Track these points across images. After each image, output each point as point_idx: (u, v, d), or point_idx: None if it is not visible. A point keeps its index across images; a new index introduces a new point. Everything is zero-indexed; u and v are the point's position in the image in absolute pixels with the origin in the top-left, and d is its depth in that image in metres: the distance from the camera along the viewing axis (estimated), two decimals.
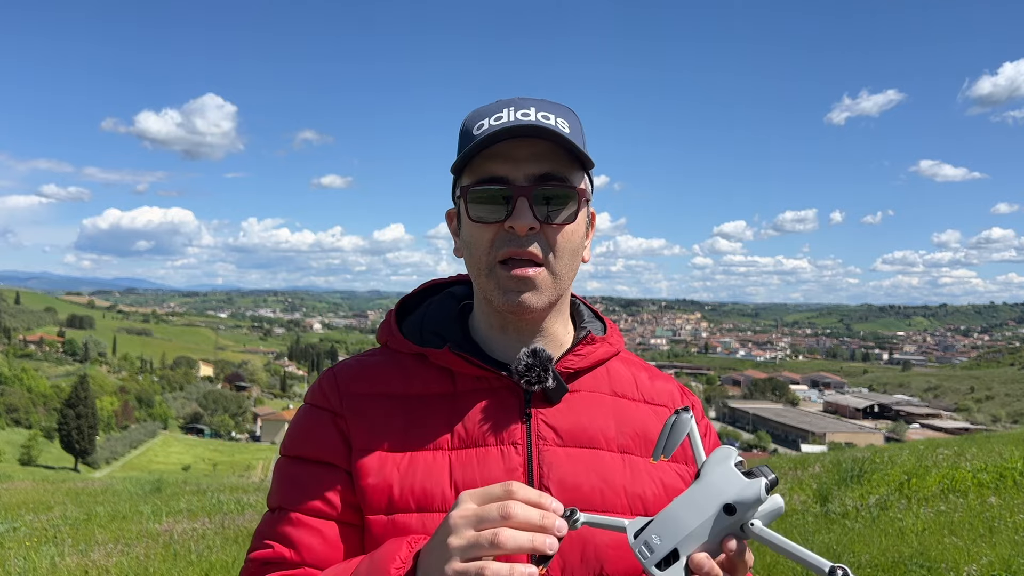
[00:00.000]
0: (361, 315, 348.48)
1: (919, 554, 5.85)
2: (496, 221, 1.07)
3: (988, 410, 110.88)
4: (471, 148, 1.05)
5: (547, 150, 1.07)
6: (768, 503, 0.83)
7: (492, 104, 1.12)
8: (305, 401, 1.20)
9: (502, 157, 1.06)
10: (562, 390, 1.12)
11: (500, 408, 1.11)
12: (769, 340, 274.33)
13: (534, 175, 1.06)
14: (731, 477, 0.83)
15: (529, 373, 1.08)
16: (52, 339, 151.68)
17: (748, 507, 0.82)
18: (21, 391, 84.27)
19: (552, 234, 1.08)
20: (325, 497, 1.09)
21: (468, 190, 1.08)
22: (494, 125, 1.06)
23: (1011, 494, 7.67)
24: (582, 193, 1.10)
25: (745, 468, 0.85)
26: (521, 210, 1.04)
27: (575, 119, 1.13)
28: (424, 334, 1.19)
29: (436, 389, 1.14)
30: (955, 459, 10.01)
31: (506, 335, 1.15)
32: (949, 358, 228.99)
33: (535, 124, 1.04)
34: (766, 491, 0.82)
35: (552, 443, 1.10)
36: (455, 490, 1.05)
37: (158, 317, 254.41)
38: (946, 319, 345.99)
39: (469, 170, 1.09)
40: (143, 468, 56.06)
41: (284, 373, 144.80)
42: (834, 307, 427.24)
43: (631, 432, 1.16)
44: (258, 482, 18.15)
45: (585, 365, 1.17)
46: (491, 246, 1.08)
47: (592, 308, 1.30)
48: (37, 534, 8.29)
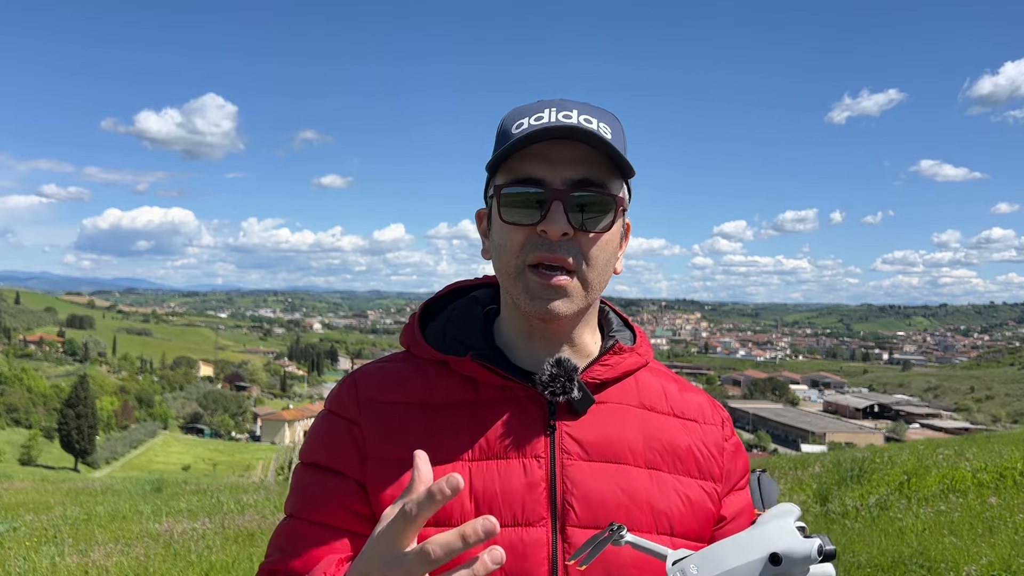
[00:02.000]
0: (361, 315, 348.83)
1: (919, 554, 5.86)
2: (529, 224, 1.02)
3: (988, 410, 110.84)
4: (508, 147, 1.01)
5: (587, 155, 1.02)
6: (818, 568, 0.81)
7: (533, 104, 1.07)
8: (325, 407, 1.16)
9: (539, 158, 1.02)
10: (588, 401, 1.07)
11: (523, 419, 1.07)
12: (769, 340, 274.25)
13: (572, 179, 1.01)
14: (787, 531, 0.82)
15: (553, 383, 1.04)
16: (52, 339, 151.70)
17: (795, 563, 0.79)
18: (21, 391, 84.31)
19: (586, 242, 1.03)
20: (336, 508, 1.05)
21: (501, 190, 1.04)
22: (534, 125, 1.01)
23: (1011, 494, 7.67)
24: (620, 202, 1.05)
25: (807, 532, 0.84)
26: (556, 214, 1.00)
27: (618, 125, 1.08)
28: (448, 340, 1.14)
29: (458, 397, 1.09)
30: (955, 459, 10.01)
31: (532, 343, 1.10)
32: (949, 358, 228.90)
33: (577, 126, 0.99)
34: (818, 554, 0.79)
35: (576, 457, 1.05)
36: (475, 503, 1.01)
37: (158, 317, 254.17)
38: (946, 319, 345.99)
39: (504, 170, 1.05)
40: (143, 468, 56.09)
41: (284, 373, 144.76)
42: (834, 307, 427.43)
43: (659, 447, 1.11)
44: (258, 482, 18.16)
45: (612, 376, 1.12)
46: (522, 249, 1.03)
47: (622, 315, 1.25)
48: (37, 534, 8.29)
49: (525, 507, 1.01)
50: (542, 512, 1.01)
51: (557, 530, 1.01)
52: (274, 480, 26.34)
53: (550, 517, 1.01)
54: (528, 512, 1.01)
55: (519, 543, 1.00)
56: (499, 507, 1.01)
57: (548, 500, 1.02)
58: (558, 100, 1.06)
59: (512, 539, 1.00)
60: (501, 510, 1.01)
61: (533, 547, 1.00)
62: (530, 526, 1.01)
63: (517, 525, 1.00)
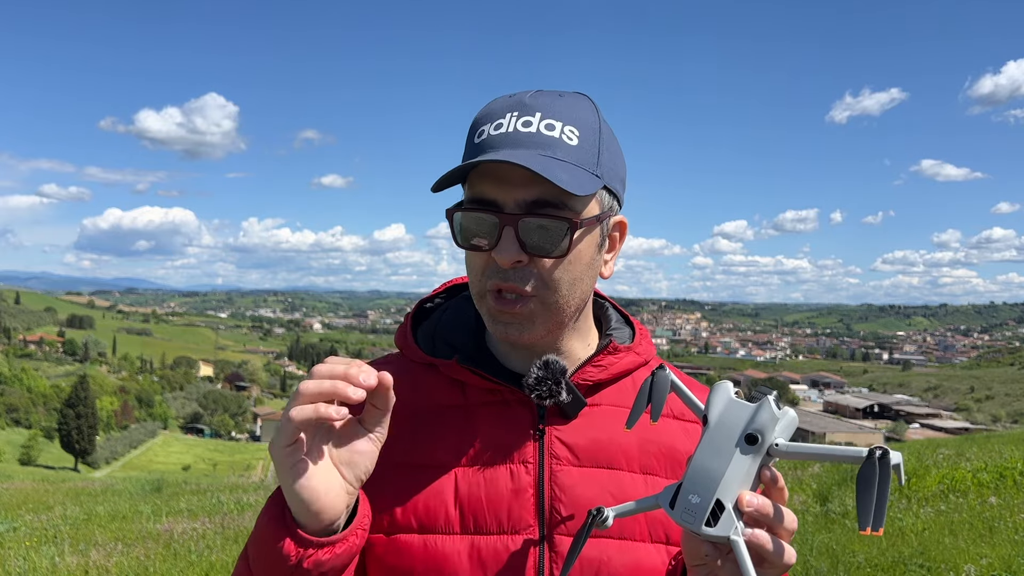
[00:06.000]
0: (361, 315, 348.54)
1: (919, 554, 5.86)
2: (486, 249, 0.96)
3: (988, 410, 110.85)
4: (457, 170, 0.94)
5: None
6: (784, 419, 0.80)
7: (499, 103, 0.99)
8: None
9: (493, 177, 0.94)
10: (579, 404, 1.03)
11: (511, 424, 1.02)
12: (769, 340, 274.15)
13: (524, 201, 0.93)
14: (739, 409, 0.81)
15: (540, 387, 0.99)
16: (52, 339, 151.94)
17: (768, 429, 0.79)
18: (21, 391, 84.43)
19: (544, 267, 0.96)
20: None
21: (453, 214, 0.98)
22: (493, 135, 0.95)
23: (1011, 494, 7.68)
24: (579, 224, 0.95)
25: (750, 394, 0.83)
26: (506, 242, 0.93)
27: (590, 121, 0.99)
28: (436, 342, 1.10)
29: (446, 401, 1.05)
30: (955, 459, 10.02)
31: (518, 347, 1.05)
32: (949, 358, 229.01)
33: (523, 151, 0.92)
34: (778, 407, 0.79)
35: (566, 462, 1.01)
36: (460, 510, 0.98)
37: (158, 317, 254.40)
38: (946, 319, 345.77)
39: (468, 183, 0.98)
40: (143, 468, 56.08)
41: (284, 373, 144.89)
42: (834, 307, 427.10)
43: (656, 451, 1.05)
44: (258, 482, 18.14)
45: (606, 377, 1.06)
46: (482, 274, 0.98)
47: (623, 311, 1.18)
48: (37, 534, 8.29)
49: (511, 514, 0.98)
50: (529, 519, 0.98)
51: (544, 537, 0.98)
52: (273, 480, 26.26)
53: (537, 524, 0.98)
54: (514, 519, 0.98)
55: (504, 551, 0.96)
56: (485, 514, 0.98)
57: (536, 507, 0.99)
58: (524, 101, 0.98)
59: (498, 547, 0.97)
60: (487, 517, 0.97)
61: (519, 555, 0.97)
62: (516, 533, 0.97)
63: (503, 532, 0.97)
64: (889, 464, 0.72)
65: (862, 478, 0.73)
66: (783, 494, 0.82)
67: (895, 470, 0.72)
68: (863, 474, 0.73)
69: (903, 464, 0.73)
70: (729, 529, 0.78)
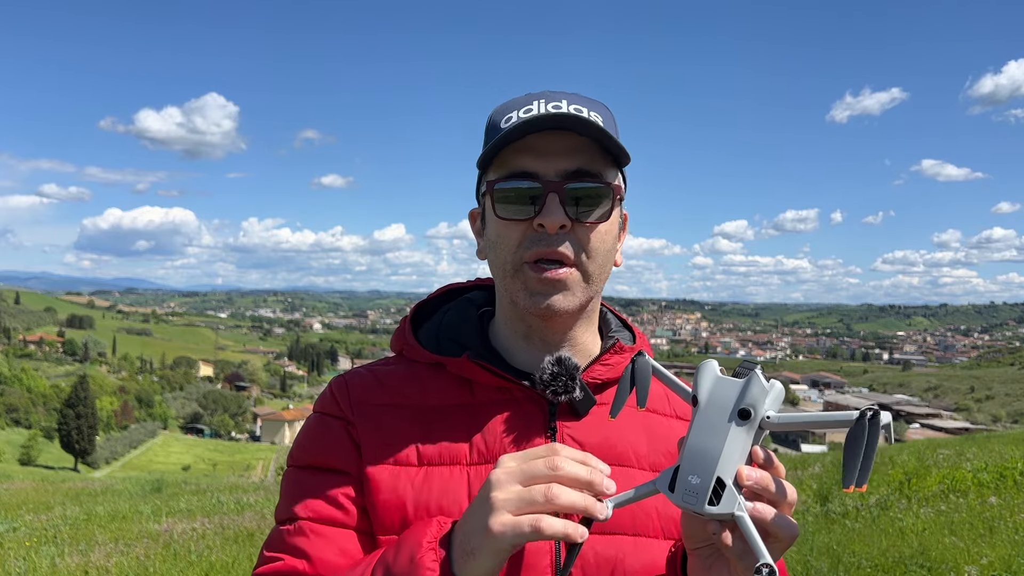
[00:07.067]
0: (361, 315, 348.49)
1: (919, 554, 5.86)
2: (525, 219, 1.00)
3: (988, 410, 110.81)
4: (498, 140, 0.98)
5: (580, 144, 0.99)
6: (772, 391, 0.81)
7: (521, 97, 1.05)
8: (314, 410, 1.12)
9: (532, 151, 0.99)
10: (589, 402, 1.04)
11: (523, 421, 1.03)
12: (769, 340, 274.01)
13: (566, 170, 0.99)
14: (728, 385, 0.81)
15: (555, 383, 1.01)
16: (52, 339, 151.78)
17: (759, 403, 0.79)
18: (21, 391, 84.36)
19: (584, 233, 1.01)
20: (339, 505, 1.02)
21: (494, 186, 1.01)
22: (523, 117, 0.99)
23: (1011, 494, 7.67)
24: (616, 191, 1.02)
25: (734, 371, 0.83)
26: (552, 207, 0.97)
27: (608, 113, 1.06)
28: (441, 342, 1.11)
29: (454, 400, 1.06)
30: (955, 459, 10.02)
31: (530, 343, 1.08)
32: (949, 358, 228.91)
33: (567, 115, 0.97)
34: (766, 380, 0.80)
35: None
36: None
37: (158, 317, 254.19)
38: (946, 319, 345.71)
39: (496, 165, 1.02)
40: (143, 468, 56.04)
41: (284, 373, 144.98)
42: (834, 307, 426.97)
43: (664, 449, 1.08)
44: (258, 482, 18.16)
45: (614, 376, 1.08)
46: (519, 245, 1.01)
47: (620, 316, 1.22)
48: (37, 534, 8.29)
49: None
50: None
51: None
52: (274, 480, 26.29)
53: None
54: None
55: (520, 550, 0.95)
56: None
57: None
58: (546, 92, 1.04)
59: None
60: None
61: (535, 555, 0.97)
62: None
63: None
64: (879, 424, 0.73)
65: (851, 437, 0.73)
66: (780, 470, 0.83)
67: (884, 429, 0.72)
68: (852, 433, 0.74)
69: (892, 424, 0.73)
70: (733, 506, 0.78)
